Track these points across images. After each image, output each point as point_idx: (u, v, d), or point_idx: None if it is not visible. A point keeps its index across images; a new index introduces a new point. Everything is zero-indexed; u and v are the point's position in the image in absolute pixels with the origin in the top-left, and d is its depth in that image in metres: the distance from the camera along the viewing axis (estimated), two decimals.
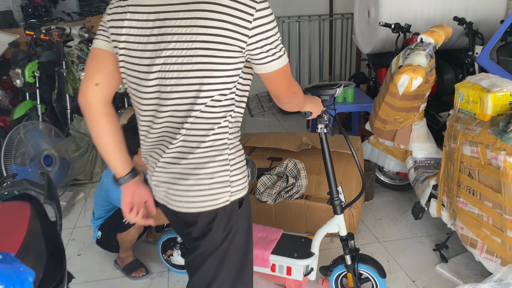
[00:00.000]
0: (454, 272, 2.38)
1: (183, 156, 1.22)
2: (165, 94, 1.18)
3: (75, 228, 3.02)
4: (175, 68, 1.15)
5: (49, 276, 1.23)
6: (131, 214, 1.35)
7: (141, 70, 1.18)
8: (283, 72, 1.22)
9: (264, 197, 2.69)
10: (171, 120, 1.21)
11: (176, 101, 1.18)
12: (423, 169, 2.80)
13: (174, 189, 1.26)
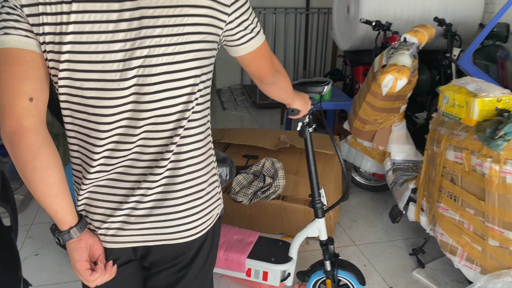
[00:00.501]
0: (431, 278, 2.35)
1: (174, 181, 0.98)
2: (147, 96, 0.91)
3: (32, 224, 2.79)
4: (163, 60, 0.89)
5: None
6: (95, 274, 0.96)
7: (109, 69, 0.87)
8: (263, 48, 1.06)
9: (239, 196, 2.57)
10: (150, 136, 0.94)
11: (161, 111, 0.92)
12: (401, 171, 2.75)
13: (163, 220, 1.00)
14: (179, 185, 0.99)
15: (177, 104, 0.94)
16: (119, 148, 0.94)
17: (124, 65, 0.88)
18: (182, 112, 0.95)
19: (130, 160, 0.96)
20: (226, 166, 1.98)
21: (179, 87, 0.93)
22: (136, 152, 0.95)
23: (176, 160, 0.97)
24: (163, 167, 0.96)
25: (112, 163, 0.95)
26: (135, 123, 0.92)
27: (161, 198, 0.98)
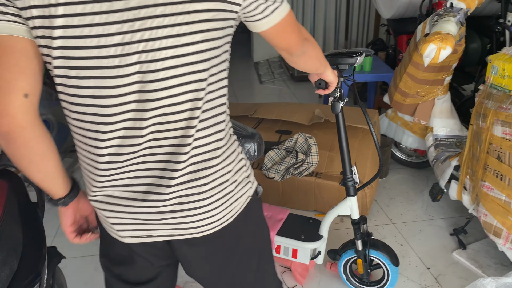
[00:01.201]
0: (472, 260, 2.22)
1: (199, 167, 0.91)
2: (152, 84, 0.81)
3: None
4: (168, 43, 0.79)
5: (26, 267, 1.09)
6: (76, 237, 1.04)
7: (106, 55, 0.78)
8: (289, 19, 0.92)
9: (271, 173, 2.53)
10: (161, 129, 0.86)
11: (170, 100, 0.83)
12: (444, 147, 2.59)
13: (187, 215, 0.94)
14: (203, 180, 0.91)
15: (187, 92, 0.83)
16: (126, 144, 0.86)
17: (123, 49, 0.78)
18: (194, 101, 0.85)
19: (143, 156, 0.88)
20: (255, 142, 1.93)
21: (187, 72, 0.82)
22: (149, 147, 0.87)
23: (196, 155, 0.89)
24: (182, 162, 0.88)
25: (122, 160, 0.87)
26: (142, 115, 0.83)
27: (183, 194, 0.91)
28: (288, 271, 2.18)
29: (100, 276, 2.15)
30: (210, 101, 0.88)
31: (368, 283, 2.01)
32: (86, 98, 0.82)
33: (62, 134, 3.22)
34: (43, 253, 1.17)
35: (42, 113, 2.64)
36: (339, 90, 1.69)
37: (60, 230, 2.55)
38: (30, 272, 1.09)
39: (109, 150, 0.86)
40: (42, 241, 1.21)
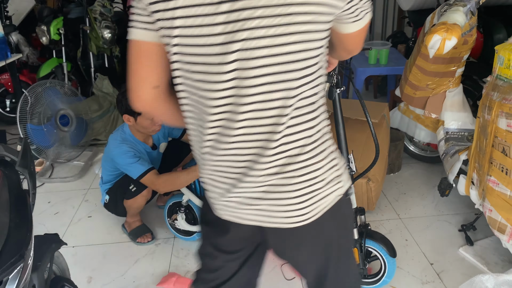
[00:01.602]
0: (479, 257, 2.16)
1: (287, 162, 0.95)
2: (247, 81, 0.88)
3: (89, 189, 3.02)
4: (264, 43, 0.84)
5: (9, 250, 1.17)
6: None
7: (212, 53, 0.87)
8: (368, 23, 1.01)
9: None
10: (253, 124, 0.92)
11: (263, 96, 0.89)
12: (454, 141, 2.53)
13: (275, 204, 0.99)
14: (290, 173, 0.96)
15: (279, 90, 0.88)
16: (224, 133, 0.94)
17: (225, 48, 0.86)
18: (285, 100, 0.89)
19: (235, 148, 0.95)
20: None
21: (280, 71, 0.87)
22: (240, 141, 0.94)
23: (284, 151, 0.93)
24: (270, 156, 0.93)
25: (219, 147, 0.96)
26: (237, 109, 0.90)
27: (272, 183, 0.96)
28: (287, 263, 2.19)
29: (107, 264, 2.25)
30: (302, 99, 0.92)
31: (365, 275, 1.99)
32: (197, 90, 0.93)
33: (81, 128, 3.36)
34: (28, 238, 1.24)
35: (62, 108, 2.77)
36: (335, 76, 1.69)
37: (74, 220, 2.67)
38: (13, 254, 1.16)
39: (211, 137, 0.96)
40: (28, 226, 1.27)
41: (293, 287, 2.05)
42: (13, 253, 1.17)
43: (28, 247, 1.23)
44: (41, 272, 1.48)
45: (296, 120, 0.92)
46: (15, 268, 1.15)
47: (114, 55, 4.29)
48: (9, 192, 1.30)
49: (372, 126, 1.74)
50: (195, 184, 2.25)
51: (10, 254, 1.17)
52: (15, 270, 1.16)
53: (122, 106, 2.16)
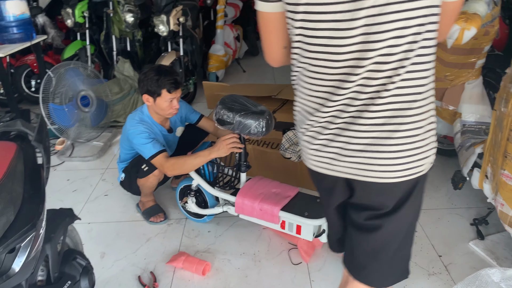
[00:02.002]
0: (489, 251, 2.14)
1: (394, 114, 1.00)
2: (374, 35, 0.95)
3: (107, 169, 3.10)
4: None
5: (22, 219, 1.23)
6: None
7: (341, 10, 0.95)
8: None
9: (288, 153, 2.55)
10: (376, 68, 0.98)
11: (390, 42, 0.95)
12: (471, 134, 2.48)
13: (376, 157, 1.04)
14: (395, 126, 1.01)
15: (402, 44, 0.96)
16: (340, 87, 1.02)
17: (353, 5, 0.94)
18: (406, 52, 0.96)
19: (348, 98, 1.02)
20: (263, 119, 1.98)
21: (405, 26, 0.94)
22: (354, 91, 1.01)
23: (393, 102, 1.00)
24: (380, 105, 1.00)
25: (334, 99, 1.04)
26: (359, 63, 0.98)
27: (376, 136, 1.03)
28: (295, 249, 2.22)
29: (120, 241, 2.33)
30: (419, 56, 0.98)
31: None
32: (319, 46, 1.02)
33: (101, 110, 3.44)
34: (40, 210, 1.30)
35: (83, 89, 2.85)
36: None
37: (91, 198, 2.76)
38: (26, 223, 1.22)
39: (327, 89, 1.05)
40: (40, 199, 1.34)
41: (299, 272, 2.08)
42: (25, 223, 1.23)
43: (40, 217, 1.29)
44: (54, 243, 1.55)
45: (411, 75, 0.99)
46: (27, 237, 1.22)
47: (136, 39, 4.36)
48: (24, 165, 1.36)
49: None
50: (204, 169, 2.29)
51: (22, 223, 1.23)
52: (27, 238, 1.22)
53: (144, 86, 2.21)
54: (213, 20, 5.17)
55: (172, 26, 3.88)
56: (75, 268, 1.66)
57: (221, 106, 2.06)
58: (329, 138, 1.09)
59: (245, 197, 2.12)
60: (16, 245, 1.20)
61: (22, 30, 3.21)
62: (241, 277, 2.06)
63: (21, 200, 1.27)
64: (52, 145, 3.44)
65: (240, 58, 5.71)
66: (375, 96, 1.00)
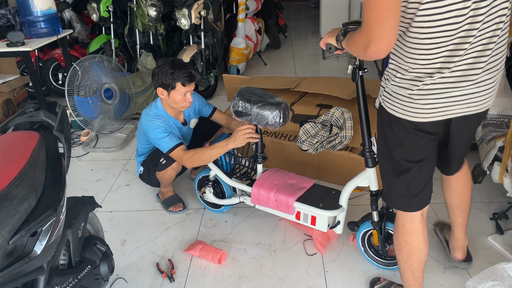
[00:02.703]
0: (507, 246, 2.10)
1: (495, 64, 1.31)
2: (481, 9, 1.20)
3: (129, 159, 3.19)
4: None
5: (43, 205, 1.29)
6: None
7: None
8: None
9: (305, 145, 2.57)
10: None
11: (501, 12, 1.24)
12: (492, 127, 2.44)
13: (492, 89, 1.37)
14: (497, 66, 1.32)
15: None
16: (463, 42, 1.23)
17: None
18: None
19: (473, 51, 1.26)
20: (280, 110, 2.01)
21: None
22: (477, 45, 1.25)
23: (496, 49, 1.29)
24: (488, 56, 1.28)
25: (457, 54, 1.25)
26: (474, 26, 1.21)
27: (485, 78, 1.31)
28: (310, 240, 2.24)
29: (140, 229, 2.40)
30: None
31: (385, 257, 2.01)
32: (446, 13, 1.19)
33: (124, 102, 3.53)
34: (60, 196, 1.37)
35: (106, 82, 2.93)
36: (358, 58, 1.69)
37: (113, 187, 2.85)
38: (46, 209, 1.29)
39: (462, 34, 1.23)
40: (61, 186, 1.40)
41: (314, 262, 2.10)
42: (46, 208, 1.30)
43: (61, 203, 1.35)
44: (75, 229, 1.62)
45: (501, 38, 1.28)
46: (48, 221, 1.28)
47: (159, 33, 4.43)
48: (46, 153, 1.43)
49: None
50: (221, 160, 2.33)
51: (44, 208, 1.29)
52: (47, 223, 1.28)
53: (158, 79, 2.25)
54: (235, 14, 5.20)
55: (193, 20, 3.93)
56: (95, 254, 1.74)
57: (238, 98, 2.09)
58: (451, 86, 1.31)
59: (261, 187, 2.15)
60: (37, 229, 1.26)
61: (49, 25, 3.32)
62: (256, 266, 2.10)
63: (42, 186, 1.34)
64: (77, 136, 3.56)
65: (262, 51, 5.73)
66: (485, 48, 1.27)
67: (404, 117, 1.38)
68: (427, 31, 1.22)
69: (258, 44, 5.40)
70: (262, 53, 5.62)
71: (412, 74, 1.31)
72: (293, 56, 5.79)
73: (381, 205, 1.95)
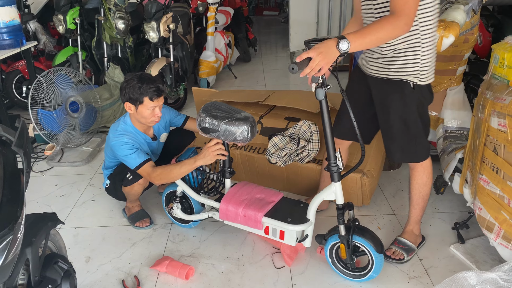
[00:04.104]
0: (468, 255, 2.17)
1: None
2: None
3: (95, 174, 3.12)
4: None
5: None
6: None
7: None
8: None
9: (273, 158, 2.59)
10: None
11: None
12: (453, 139, 2.53)
13: None
14: None
15: None
16: None
17: None
18: None
19: None
20: (248, 125, 2.01)
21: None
22: None
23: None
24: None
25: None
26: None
27: None
28: (278, 253, 2.24)
29: (106, 245, 2.34)
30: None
31: (352, 269, 2.03)
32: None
33: (90, 115, 3.46)
34: (18, 214, 1.32)
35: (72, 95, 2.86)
36: (321, 76, 1.71)
37: (78, 203, 2.78)
38: (2, 228, 1.24)
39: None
40: (19, 203, 1.35)
41: (282, 275, 2.10)
42: (3, 226, 1.25)
43: (18, 221, 1.31)
44: (35, 247, 1.56)
45: None
46: (3, 240, 1.23)
47: (127, 45, 4.40)
48: (4, 169, 1.38)
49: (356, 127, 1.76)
50: (188, 175, 2.31)
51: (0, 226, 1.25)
52: (3, 242, 1.24)
53: (126, 93, 2.22)
54: (204, 27, 5.22)
55: (162, 33, 3.92)
56: (56, 272, 1.68)
57: (204, 114, 2.08)
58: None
59: (229, 203, 2.14)
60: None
61: (12, 37, 3.24)
62: (224, 281, 2.08)
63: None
64: (41, 151, 3.46)
65: (232, 64, 5.76)
66: None
67: (429, 81, 1.92)
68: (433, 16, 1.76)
69: (228, 58, 5.43)
70: (232, 67, 5.65)
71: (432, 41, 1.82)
72: (263, 69, 5.85)
73: (348, 217, 1.98)
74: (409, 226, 2.23)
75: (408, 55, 1.83)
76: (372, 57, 1.94)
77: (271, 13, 10.77)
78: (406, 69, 1.86)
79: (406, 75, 1.86)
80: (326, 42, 1.58)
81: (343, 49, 1.57)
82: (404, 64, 1.85)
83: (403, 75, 1.87)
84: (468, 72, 2.79)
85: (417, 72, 1.86)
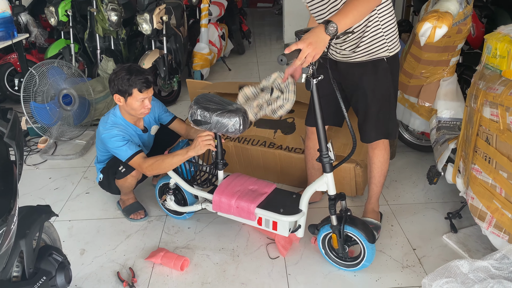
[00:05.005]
0: (461, 244, 2.19)
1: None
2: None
3: (89, 167, 3.11)
4: None
5: None
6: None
7: None
8: None
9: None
10: None
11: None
12: (446, 130, 2.54)
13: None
14: None
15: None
16: None
17: None
18: None
19: None
20: (240, 116, 2.01)
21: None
22: None
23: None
24: None
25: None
26: None
27: None
28: (273, 243, 2.26)
29: (100, 238, 2.34)
30: None
31: (344, 258, 2.04)
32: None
33: (83, 108, 3.44)
34: (11, 205, 1.32)
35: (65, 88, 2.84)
36: (311, 66, 1.71)
37: (72, 196, 2.77)
38: None
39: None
40: (12, 195, 1.35)
41: (276, 266, 2.11)
42: None
43: (11, 213, 1.31)
44: (29, 239, 1.56)
45: None
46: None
47: (120, 38, 4.37)
48: None
49: (347, 117, 1.77)
50: (181, 167, 2.30)
51: None
52: None
53: (115, 85, 2.20)
54: (198, 19, 5.19)
55: (155, 25, 3.89)
56: (51, 264, 1.68)
57: (196, 107, 2.06)
58: None
59: (222, 195, 2.15)
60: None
61: (3, 29, 3.21)
62: (219, 272, 2.09)
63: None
64: (34, 144, 3.44)
65: (226, 56, 5.74)
66: None
67: (398, 49, 1.98)
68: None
69: (222, 50, 5.41)
70: (226, 59, 5.63)
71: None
72: (257, 61, 5.83)
73: (340, 208, 1.99)
74: (370, 204, 2.30)
75: (370, 34, 1.88)
76: (341, 48, 1.98)
77: (265, 4, 10.71)
78: (374, 47, 1.91)
79: (377, 53, 1.93)
80: (314, 31, 1.57)
81: (332, 32, 1.57)
82: (371, 44, 1.90)
83: (376, 54, 1.93)
84: (461, 63, 2.80)
85: (385, 46, 1.92)
